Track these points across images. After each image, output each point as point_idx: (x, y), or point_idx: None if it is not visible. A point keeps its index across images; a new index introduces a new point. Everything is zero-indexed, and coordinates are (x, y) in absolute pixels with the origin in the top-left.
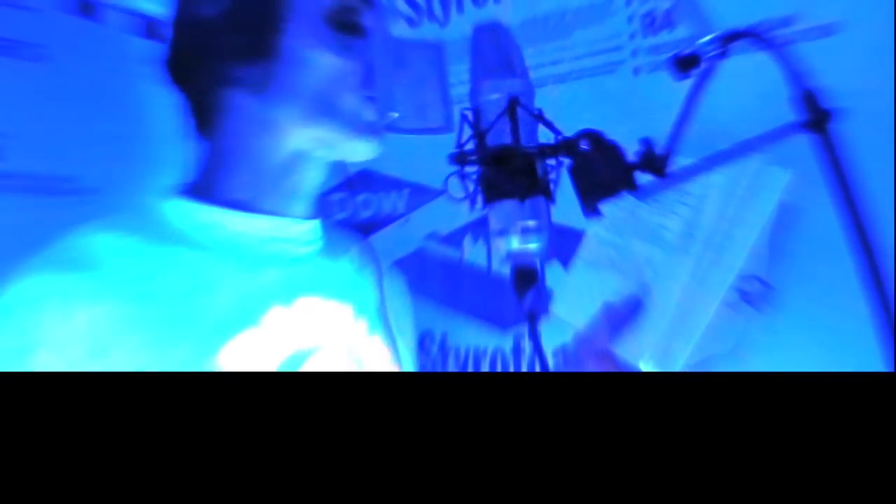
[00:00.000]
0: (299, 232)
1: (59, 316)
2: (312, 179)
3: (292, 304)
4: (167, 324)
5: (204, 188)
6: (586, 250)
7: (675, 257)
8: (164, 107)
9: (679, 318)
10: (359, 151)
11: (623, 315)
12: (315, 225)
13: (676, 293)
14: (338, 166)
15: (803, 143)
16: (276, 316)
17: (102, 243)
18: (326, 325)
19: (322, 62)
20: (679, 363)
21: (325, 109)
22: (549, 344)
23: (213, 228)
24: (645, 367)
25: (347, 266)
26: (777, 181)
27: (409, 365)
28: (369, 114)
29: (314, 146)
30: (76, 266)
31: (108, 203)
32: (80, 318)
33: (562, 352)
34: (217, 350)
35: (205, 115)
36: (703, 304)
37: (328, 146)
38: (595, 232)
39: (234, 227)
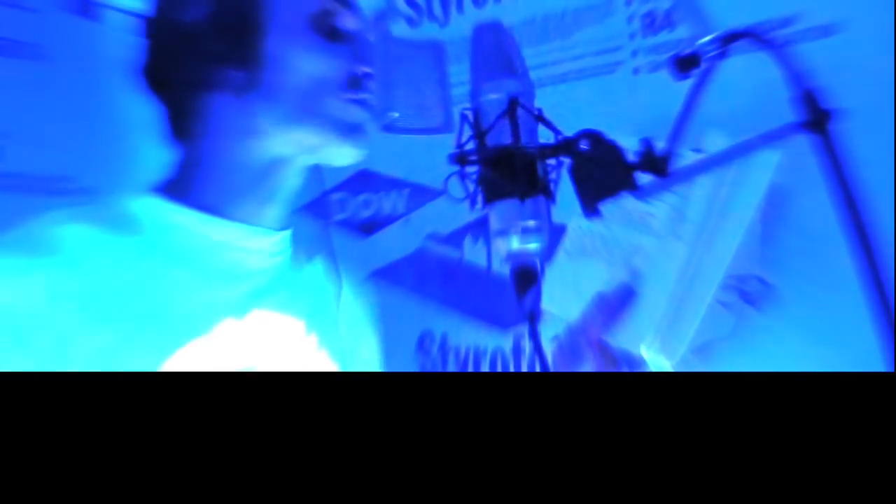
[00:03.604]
0: (268, 244)
1: (16, 299)
2: (290, 185)
3: (245, 316)
4: (121, 318)
5: (178, 188)
6: (569, 241)
7: (667, 243)
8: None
9: (678, 303)
10: (341, 155)
11: (616, 304)
12: (284, 236)
13: (672, 278)
14: (315, 172)
15: (803, 143)
16: (227, 327)
17: (66, 232)
18: (273, 341)
19: (305, 65)
20: (681, 348)
21: (307, 112)
22: (549, 344)
23: (180, 230)
24: (646, 353)
25: (308, 279)
26: (767, 161)
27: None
28: (353, 115)
29: (296, 150)
30: (37, 251)
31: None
32: (38, 301)
33: (556, 343)
34: (167, 354)
35: (182, 120)
36: (702, 288)
37: (310, 150)
38: (577, 223)
39: (201, 232)
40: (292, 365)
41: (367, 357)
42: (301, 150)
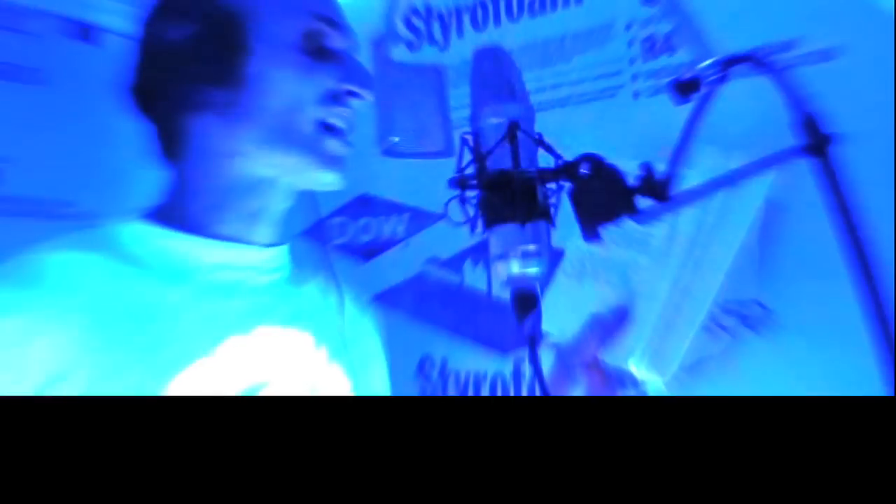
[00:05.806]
0: (260, 260)
1: (8, 332)
2: (277, 205)
3: (250, 334)
4: (119, 348)
5: (167, 213)
6: (568, 263)
7: (659, 261)
8: None
9: (669, 320)
10: (321, 182)
11: (612, 324)
12: (280, 251)
13: (663, 295)
14: (309, 199)
15: (803, 168)
16: (232, 346)
17: (56, 262)
18: (284, 356)
19: (285, 84)
20: (672, 365)
21: (284, 134)
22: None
23: (171, 254)
24: (636, 369)
25: (311, 293)
26: (758, 182)
27: (383, 389)
28: (332, 146)
29: (278, 173)
30: (28, 283)
31: None
32: (31, 333)
33: (550, 363)
34: (170, 379)
35: (170, 140)
36: (693, 305)
37: (292, 173)
38: (576, 244)
39: (192, 254)
40: (304, 379)
41: (376, 373)
42: (283, 172)
